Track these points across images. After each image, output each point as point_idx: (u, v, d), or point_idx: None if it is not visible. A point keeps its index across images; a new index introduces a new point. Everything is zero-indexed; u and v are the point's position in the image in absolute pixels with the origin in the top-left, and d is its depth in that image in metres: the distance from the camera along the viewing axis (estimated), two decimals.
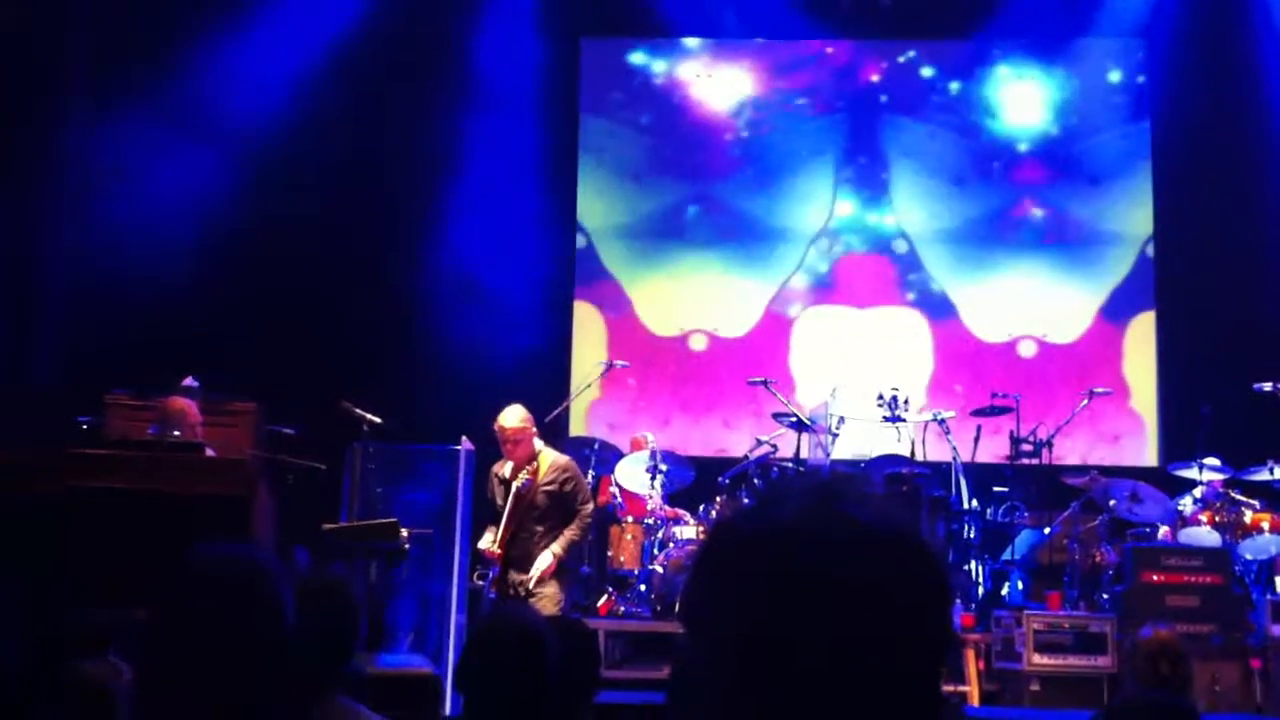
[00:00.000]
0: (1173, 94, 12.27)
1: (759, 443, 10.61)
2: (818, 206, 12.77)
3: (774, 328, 12.64)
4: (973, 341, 12.49)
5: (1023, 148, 12.71)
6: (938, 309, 12.58)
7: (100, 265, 11.23)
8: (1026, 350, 12.42)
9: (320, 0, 11.94)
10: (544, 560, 8.44)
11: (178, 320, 11.29)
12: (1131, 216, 12.47)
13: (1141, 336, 12.34)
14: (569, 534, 8.53)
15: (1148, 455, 12.10)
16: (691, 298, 12.76)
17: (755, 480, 10.31)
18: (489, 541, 8.56)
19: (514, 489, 8.47)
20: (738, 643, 1.43)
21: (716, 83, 12.99)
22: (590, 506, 8.80)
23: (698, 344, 12.68)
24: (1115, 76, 12.68)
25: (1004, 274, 12.56)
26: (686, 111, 13.01)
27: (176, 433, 8.37)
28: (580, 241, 12.85)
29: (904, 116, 12.82)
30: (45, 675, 3.71)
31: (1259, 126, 11.86)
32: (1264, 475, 9.88)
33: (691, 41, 12.97)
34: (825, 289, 12.70)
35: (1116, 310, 12.40)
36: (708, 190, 12.89)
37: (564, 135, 12.85)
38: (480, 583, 8.69)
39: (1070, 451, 11.47)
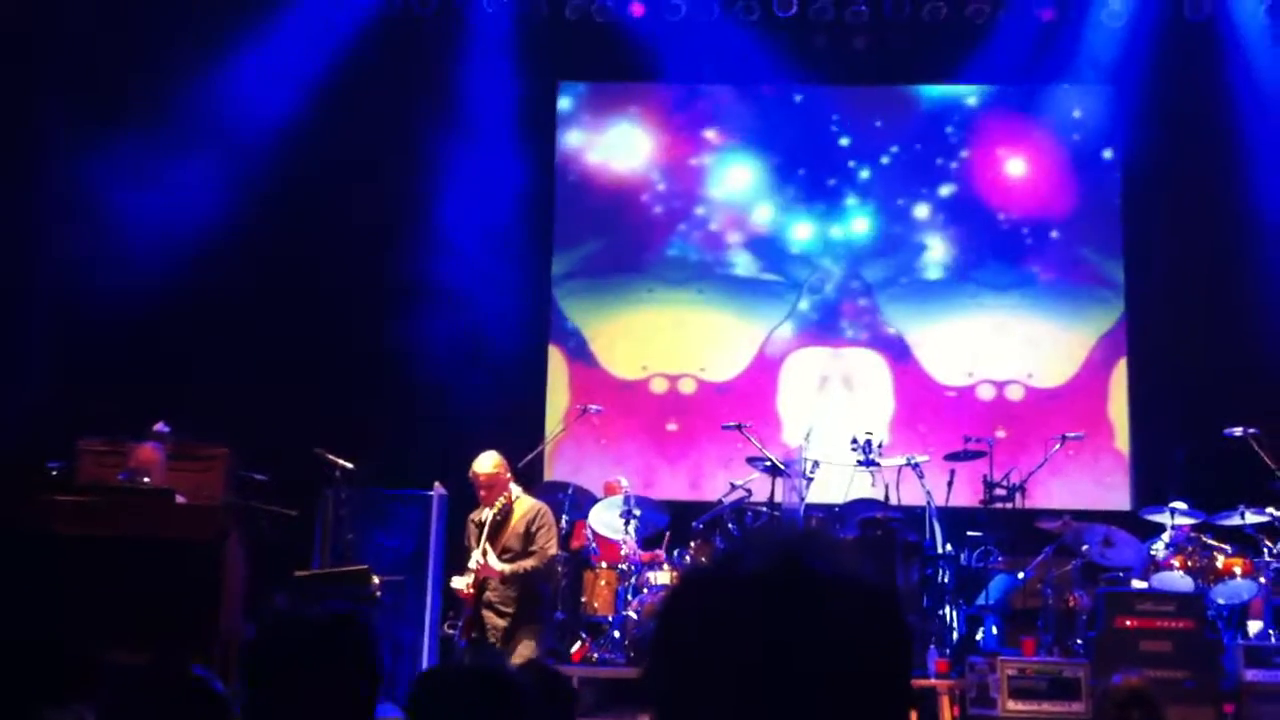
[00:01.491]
0: (1142, 141, 12.37)
1: (733, 487, 10.61)
2: (798, 252, 12.81)
3: (760, 372, 12.67)
4: (951, 389, 12.53)
5: (996, 193, 12.79)
6: (900, 351, 12.65)
7: (71, 310, 11.18)
8: (1014, 394, 12.47)
9: (298, 43, 11.92)
10: (493, 564, 8.35)
11: (149, 365, 11.25)
12: (1105, 262, 12.55)
13: (1120, 380, 12.43)
14: (526, 562, 8.43)
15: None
16: (676, 342, 12.81)
17: (730, 525, 10.30)
18: (463, 582, 8.49)
19: (488, 524, 8.40)
20: (698, 698, 1.42)
21: (688, 129, 13.05)
22: (554, 550, 8.71)
23: (685, 388, 12.72)
24: (1086, 123, 12.77)
25: (976, 319, 12.61)
26: (654, 156, 13.07)
27: (146, 479, 8.35)
28: (557, 287, 12.87)
29: (878, 157, 12.89)
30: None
31: (1229, 172, 11.95)
32: (1235, 520, 9.90)
33: (663, 86, 13.01)
34: (805, 333, 12.73)
35: (1104, 353, 12.47)
36: (680, 238, 12.92)
37: (541, 179, 12.87)
38: (451, 631, 8.64)
39: (1057, 491, 11.57)
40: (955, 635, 9.83)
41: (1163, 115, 12.20)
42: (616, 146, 13.12)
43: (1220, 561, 9.69)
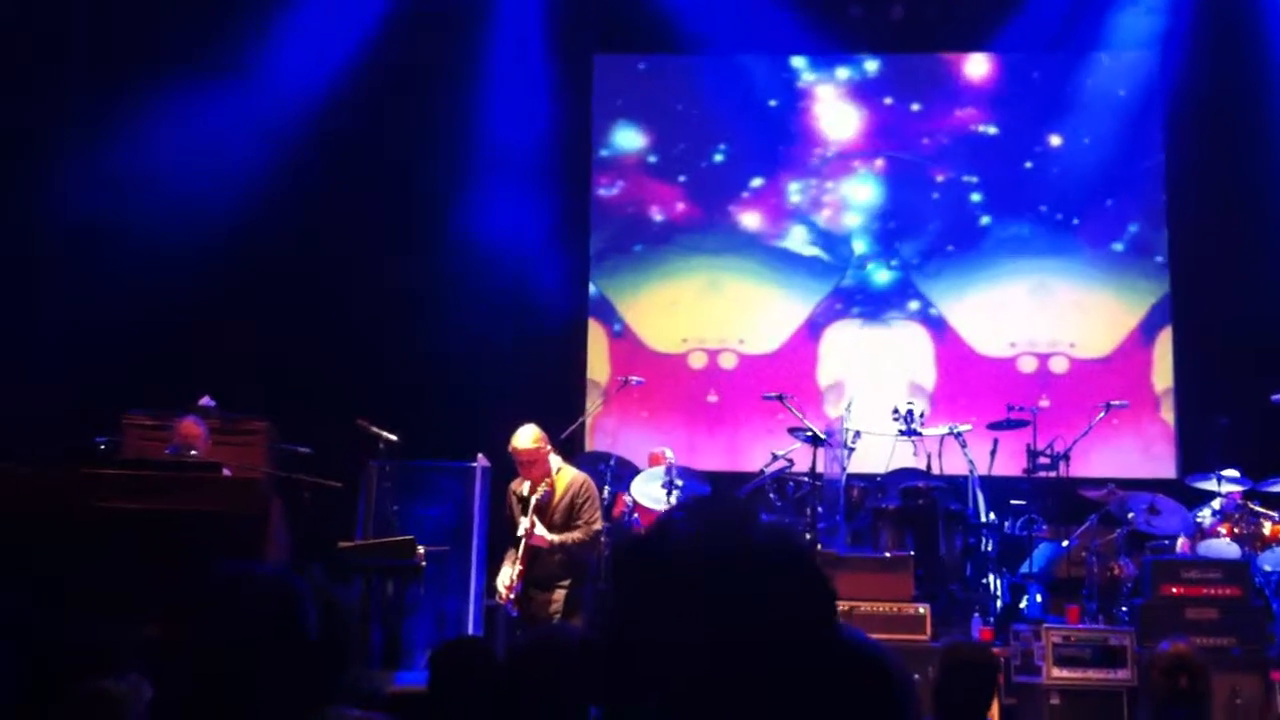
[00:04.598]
0: (1186, 106, 12.24)
1: (775, 457, 10.59)
2: (837, 224, 12.76)
3: (801, 344, 12.64)
4: (990, 360, 12.47)
5: (1036, 163, 12.68)
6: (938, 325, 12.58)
7: (113, 283, 11.24)
8: (1058, 365, 12.38)
9: (331, 20, 11.95)
10: (542, 533, 8.41)
11: (192, 339, 11.32)
12: (1150, 232, 12.43)
13: (1165, 349, 12.34)
14: (573, 534, 8.49)
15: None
16: (714, 316, 12.79)
17: (771, 495, 10.29)
18: (505, 578, 8.55)
19: (533, 502, 8.45)
20: (638, 647, 1.57)
21: (722, 101, 12.97)
22: (599, 525, 8.76)
23: (726, 362, 12.68)
24: (1126, 89, 12.62)
25: (1017, 289, 12.53)
26: (688, 129, 13.03)
27: (193, 453, 8.41)
28: (594, 260, 12.85)
29: (916, 129, 12.81)
30: (53, 692, 3.72)
31: (1274, 137, 11.82)
32: None
33: (700, 59, 12.93)
34: (846, 305, 12.68)
35: (1149, 323, 12.36)
36: (718, 211, 12.89)
37: (578, 153, 12.86)
38: (501, 601, 8.67)
39: (1102, 460, 11.50)
40: (999, 604, 9.81)
41: (1205, 81, 12.06)
42: (651, 119, 13.07)
43: (1267, 528, 9.64)
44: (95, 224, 11.49)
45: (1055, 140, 12.71)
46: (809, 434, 10.34)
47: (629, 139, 13.12)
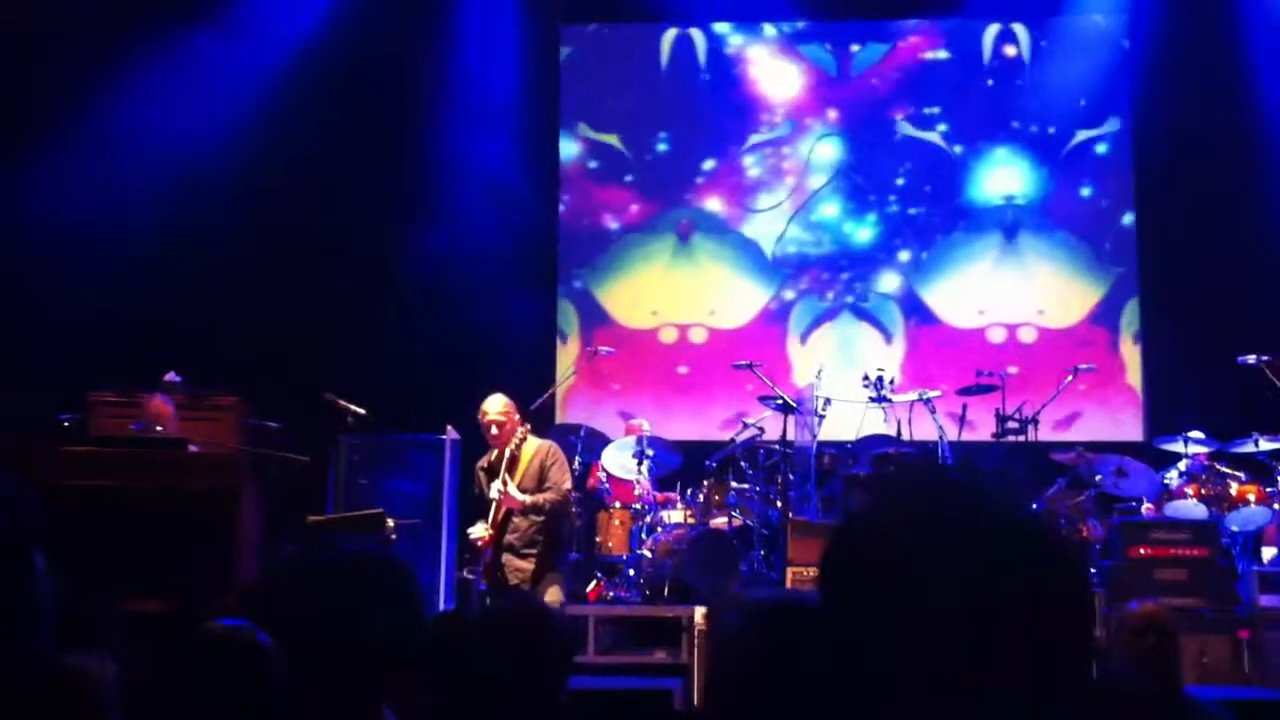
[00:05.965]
0: (1155, 67, 12.24)
1: (745, 425, 10.59)
2: (800, 188, 12.72)
3: (770, 317, 12.62)
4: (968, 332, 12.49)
5: (998, 80, 12.61)
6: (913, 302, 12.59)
7: (79, 260, 11.16)
8: (1026, 335, 12.38)
9: None
10: (515, 494, 8.35)
11: (159, 314, 11.25)
12: (1118, 191, 12.44)
13: (1133, 313, 12.37)
14: (546, 494, 8.45)
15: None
16: (684, 292, 12.75)
17: (742, 463, 10.31)
18: (481, 530, 8.50)
19: (506, 458, 8.41)
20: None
21: (693, 72, 12.90)
22: (568, 486, 8.73)
23: (696, 337, 12.65)
24: (1098, 51, 12.56)
25: (987, 259, 12.52)
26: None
27: (159, 429, 8.36)
28: (563, 237, 12.79)
29: (886, 97, 12.76)
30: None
31: (1242, 99, 11.85)
32: (1249, 447, 9.89)
33: (668, 26, 12.85)
34: (816, 279, 12.67)
35: (1118, 291, 12.36)
36: (687, 190, 12.82)
37: (546, 123, 12.80)
38: (470, 575, 8.65)
39: (1070, 424, 11.54)
40: None
41: (1178, 40, 12.06)
42: (619, 94, 12.97)
43: (1234, 489, 9.70)
44: (59, 201, 11.40)
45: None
46: (779, 401, 10.34)
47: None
